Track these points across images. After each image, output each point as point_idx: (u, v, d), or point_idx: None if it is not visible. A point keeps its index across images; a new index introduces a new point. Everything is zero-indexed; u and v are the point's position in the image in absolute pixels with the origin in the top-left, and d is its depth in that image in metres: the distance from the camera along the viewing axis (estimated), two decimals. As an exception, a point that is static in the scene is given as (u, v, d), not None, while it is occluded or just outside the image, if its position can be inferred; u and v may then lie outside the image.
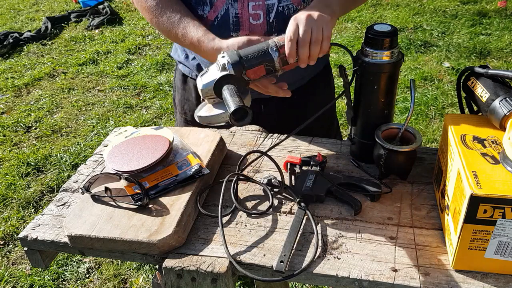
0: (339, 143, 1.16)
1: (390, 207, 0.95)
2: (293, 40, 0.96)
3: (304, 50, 0.97)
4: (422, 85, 3.42)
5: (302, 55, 0.97)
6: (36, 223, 0.98)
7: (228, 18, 1.12)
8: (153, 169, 1.01)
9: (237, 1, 1.10)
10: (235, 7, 1.11)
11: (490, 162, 0.79)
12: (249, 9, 1.11)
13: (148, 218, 0.91)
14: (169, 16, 1.11)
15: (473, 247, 0.77)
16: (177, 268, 0.85)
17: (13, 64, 4.43)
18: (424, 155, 1.09)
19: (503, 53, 3.73)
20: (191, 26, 1.09)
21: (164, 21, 1.12)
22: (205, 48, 1.06)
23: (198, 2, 1.13)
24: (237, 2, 1.10)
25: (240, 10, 1.11)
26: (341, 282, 0.81)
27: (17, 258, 2.31)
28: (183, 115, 1.39)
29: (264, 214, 0.95)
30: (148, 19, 1.16)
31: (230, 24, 1.13)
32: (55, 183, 2.77)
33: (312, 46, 0.97)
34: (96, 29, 5.10)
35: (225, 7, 1.11)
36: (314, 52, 0.98)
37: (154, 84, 3.82)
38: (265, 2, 1.10)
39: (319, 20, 0.97)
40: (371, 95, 0.99)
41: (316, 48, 0.98)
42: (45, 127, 3.39)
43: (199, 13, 1.15)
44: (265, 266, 0.84)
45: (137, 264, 2.21)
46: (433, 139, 2.86)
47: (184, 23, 1.10)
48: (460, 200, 0.77)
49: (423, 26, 4.29)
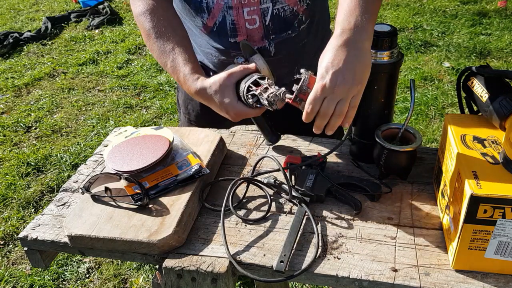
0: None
1: (390, 207, 0.95)
2: (312, 110, 0.85)
3: (322, 122, 0.86)
4: (422, 85, 3.42)
5: (319, 124, 0.87)
6: (36, 223, 0.98)
7: (225, 25, 1.14)
8: (153, 169, 1.01)
9: (232, 9, 1.11)
10: (230, 14, 1.12)
11: (490, 162, 0.79)
12: (244, 15, 1.12)
13: (148, 218, 0.91)
14: (161, 44, 1.07)
15: (473, 247, 0.77)
16: (177, 268, 0.85)
17: (13, 64, 4.43)
18: (424, 155, 1.09)
19: (503, 53, 3.73)
20: (180, 60, 1.06)
21: (155, 48, 1.08)
22: (188, 87, 1.05)
23: (198, 10, 1.15)
24: (232, 9, 1.11)
25: (236, 17, 1.12)
26: (341, 282, 0.81)
27: (17, 258, 2.31)
28: (187, 115, 1.39)
29: (261, 220, 0.94)
30: (144, 41, 1.13)
31: (228, 30, 1.14)
32: (55, 183, 2.77)
33: (333, 118, 0.86)
34: (96, 29, 5.10)
35: (222, 14, 1.13)
36: (333, 125, 0.87)
37: (154, 84, 3.82)
38: (259, 7, 1.11)
39: (352, 89, 0.84)
40: (371, 95, 0.99)
41: (337, 121, 0.86)
42: (45, 127, 3.39)
43: (200, 20, 1.16)
44: (265, 266, 0.84)
45: (137, 264, 2.21)
46: (433, 139, 2.86)
47: (175, 55, 1.06)
48: (460, 200, 0.77)
49: (423, 26, 4.29)
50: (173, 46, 1.07)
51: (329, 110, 0.84)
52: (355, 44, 0.86)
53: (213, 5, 1.12)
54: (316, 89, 0.84)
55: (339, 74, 0.83)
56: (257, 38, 1.15)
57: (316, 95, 0.84)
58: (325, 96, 0.83)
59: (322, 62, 0.86)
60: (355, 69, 0.84)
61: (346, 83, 0.83)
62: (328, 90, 0.83)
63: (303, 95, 0.88)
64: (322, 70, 0.85)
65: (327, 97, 0.83)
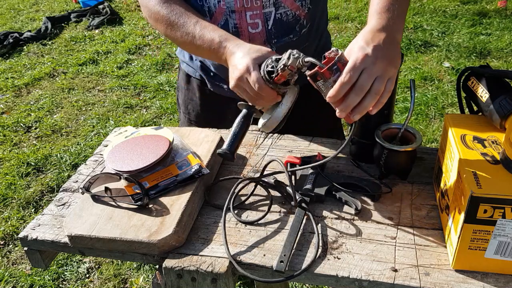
0: (339, 143, 1.16)
1: (390, 207, 0.95)
2: (349, 80, 0.77)
3: (355, 98, 0.78)
4: (422, 85, 3.42)
5: (350, 102, 0.79)
6: (36, 223, 0.98)
7: (227, 28, 1.14)
8: (153, 169, 1.01)
9: (234, 12, 1.11)
10: (233, 18, 1.12)
11: (490, 162, 0.79)
12: (247, 19, 1.12)
13: (148, 218, 0.91)
14: (184, 21, 1.05)
15: (473, 247, 0.77)
16: (177, 268, 0.85)
17: (13, 64, 4.43)
18: (424, 155, 1.09)
19: (503, 53, 3.73)
20: (210, 28, 1.03)
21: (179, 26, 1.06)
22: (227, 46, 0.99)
23: (199, 13, 1.14)
24: (235, 13, 1.11)
25: (239, 21, 1.12)
26: (341, 282, 0.81)
27: (17, 258, 2.31)
28: (187, 115, 1.39)
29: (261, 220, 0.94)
30: (162, 29, 1.11)
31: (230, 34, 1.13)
32: (55, 183, 2.77)
33: (368, 96, 0.79)
34: (96, 29, 5.10)
35: (224, 18, 1.13)
36: (366, 105, 0.80)
37: (154, 84, 3.82)
38: (262, 11, 1.11)
39: (388, 70, 0.79)
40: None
41: (370, 101, 0.79)
42: (45, 127, 3.39)
43: None
44: (265, 266, 0.84)
45: (137, 264, 2.21)
46: (433, 139, 2.86)
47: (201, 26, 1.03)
48: (460, 200, 0.77)
49: (423, 26, 4.29)
50: (196, 21, 1.04)
51: (366, 84, 0.77)
52: (390, 33, 0.84)
53: (215, 9, 1.12)
54: (357, 58, 0.78)
55: (379, 49, 0.79)
56: (259, 43, 1.15)
57: (355, 63, 0.77)
58: (364, 67, 0.78)
59: (358, 41, 0.81)
60: (393, 52, 0.82)
61: (386, 59, 0.79)
62: (369, 60, 0.78)
63: (342, 64, 0.79)
64: (361, 43, 0.80)
65: (366, 69, 0.77)
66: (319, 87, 0.83)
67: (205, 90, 1.31)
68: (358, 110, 0.80)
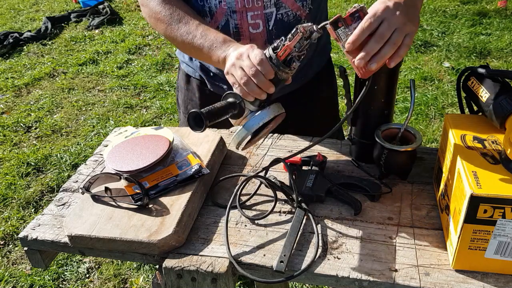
0: (339, 143, 1.16)
1: (390, 207, 0.95)
2: (370, 26, 0.79)
3: (375, 46, 0.80)
4: (422, 85, 3.42)
5: (369, 49, 0.80)
6: (36, 223, 0.98)
7: (228, 29, 1.14)
8: (153, 169, 1.01)
9: (236, 13, 1.11)
10: (234, 18, 1.12)
11: (490, 162, 0.79)
12: (248, 19, 1.12)
13: (148, 218, 0.91)
14: (185, 22, 1.06)
15: (473, 247, 0.77)
16: (177, 268, 0.85)
17: (13, 64, 4.43)
18: (424, 155, 1.09)
19: (503, 53, 3.73)
20: (211, 30, 1.04)
21: (180, 26, 1.06)
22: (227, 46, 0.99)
23: (200, 14, 1.14)
24: (236, 13, 1.11)
25: (240, 21, 1.12)
26: (341, 282, 0.81)
27: (17, 258, 2.31)
28: (187, 115, 1.39)
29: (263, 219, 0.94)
30: (161, 29, 1.11)
31: (231, 34, 1.14)
32: (55, 183, 2.77)
33: (386, 45, 0.80)
34: (96, 29, 5.10)
35: (225, 18, 1.13)
36: (384, 53, 0.81)
37: (154, 84, 3.82)
38: (263, 11, 1.11)
39: (407, 25, 0.81)
40: (371, 95, 0.99)
41: (388, 51, 0.80)
42: (45, 127, 3.39)
43: None
44: (265, 266, 0.84)
45: (137, 264, 2.21)
46: (433, 139, 2.86)
47: (203, 27, 1.04)
48: (460, 200, 0.77)
49: (423, 26, 4.29)
50: (199, 23, 1.05)
51: (386, 33, 0.79)
52: (408, 14, 0.84)
53: (216, 9, 1.12)
54: (378, 8, 0.80)
55: (400, 5, 0.82)
56: (260, 43, 1.15)
57: (376, 12, 0.80)
58: (385, 17, 0.80)
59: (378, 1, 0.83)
60: (413, 13, 0.83)
61: (406, 15, 0.81)
62: (390, 12, 0.80)
63: (363, 14, 0.81)
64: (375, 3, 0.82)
65: (387, 19, 0.80)
66: (339, 35, 0.83)
67: (204, 90, 1.31)
68: (376, 59, 0.81)
